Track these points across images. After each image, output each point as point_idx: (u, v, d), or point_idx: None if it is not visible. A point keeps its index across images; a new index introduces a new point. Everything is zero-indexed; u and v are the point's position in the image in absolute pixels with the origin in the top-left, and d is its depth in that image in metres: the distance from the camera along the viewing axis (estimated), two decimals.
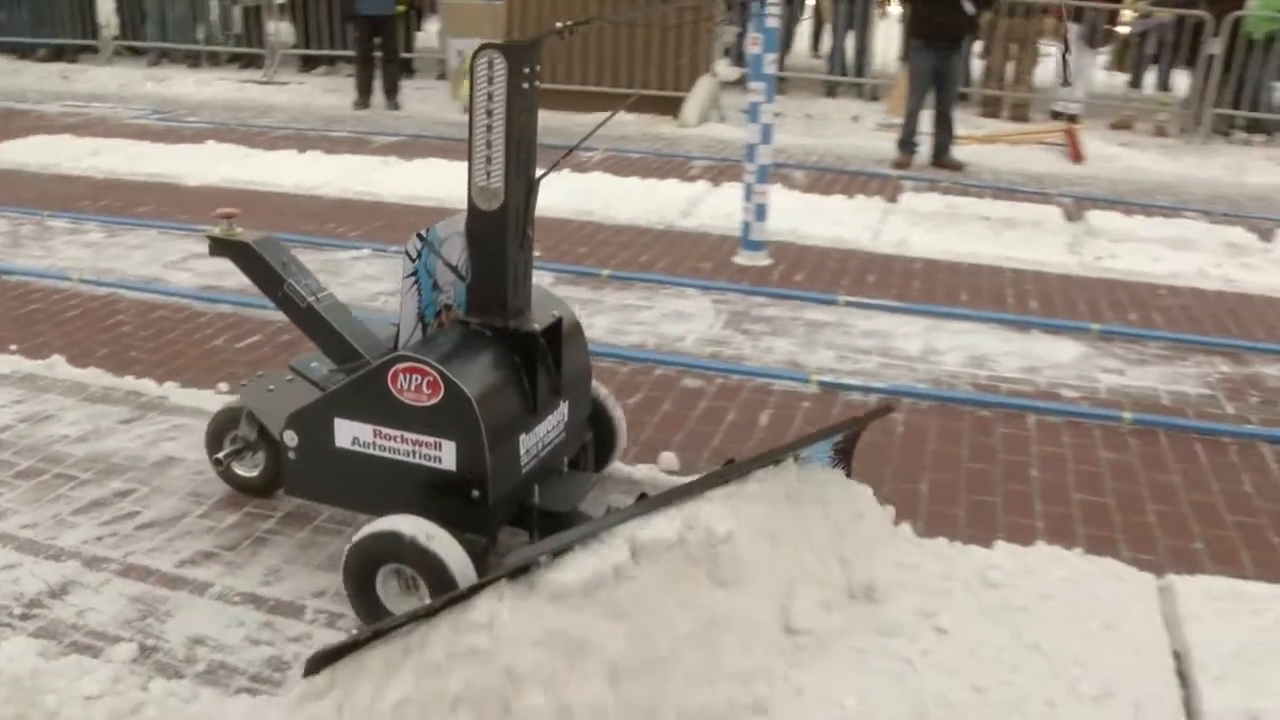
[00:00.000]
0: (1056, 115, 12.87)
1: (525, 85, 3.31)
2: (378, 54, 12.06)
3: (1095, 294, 6.78)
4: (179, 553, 3.69)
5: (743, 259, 7.01)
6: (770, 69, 6.66)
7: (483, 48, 3.28)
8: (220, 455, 3.93)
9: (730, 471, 3.24)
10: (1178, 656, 3.29)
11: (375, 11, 11.80)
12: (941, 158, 10.24)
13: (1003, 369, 5.56)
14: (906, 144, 10.26)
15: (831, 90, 13.84)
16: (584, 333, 3.79)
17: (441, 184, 8.29)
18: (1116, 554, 3.85)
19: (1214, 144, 12.34)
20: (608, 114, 3.83)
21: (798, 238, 7.53)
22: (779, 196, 7.68)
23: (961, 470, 4.48)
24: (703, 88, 11.55)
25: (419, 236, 3.37)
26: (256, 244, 3.68)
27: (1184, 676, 3.20)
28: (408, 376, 3.24)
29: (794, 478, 3.44)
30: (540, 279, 6.29)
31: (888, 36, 15.20)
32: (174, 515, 3.93)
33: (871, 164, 10.20)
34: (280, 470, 3.76)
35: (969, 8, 9.84)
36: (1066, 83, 12.47)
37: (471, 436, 3.23)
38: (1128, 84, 13.95)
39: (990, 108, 13.15)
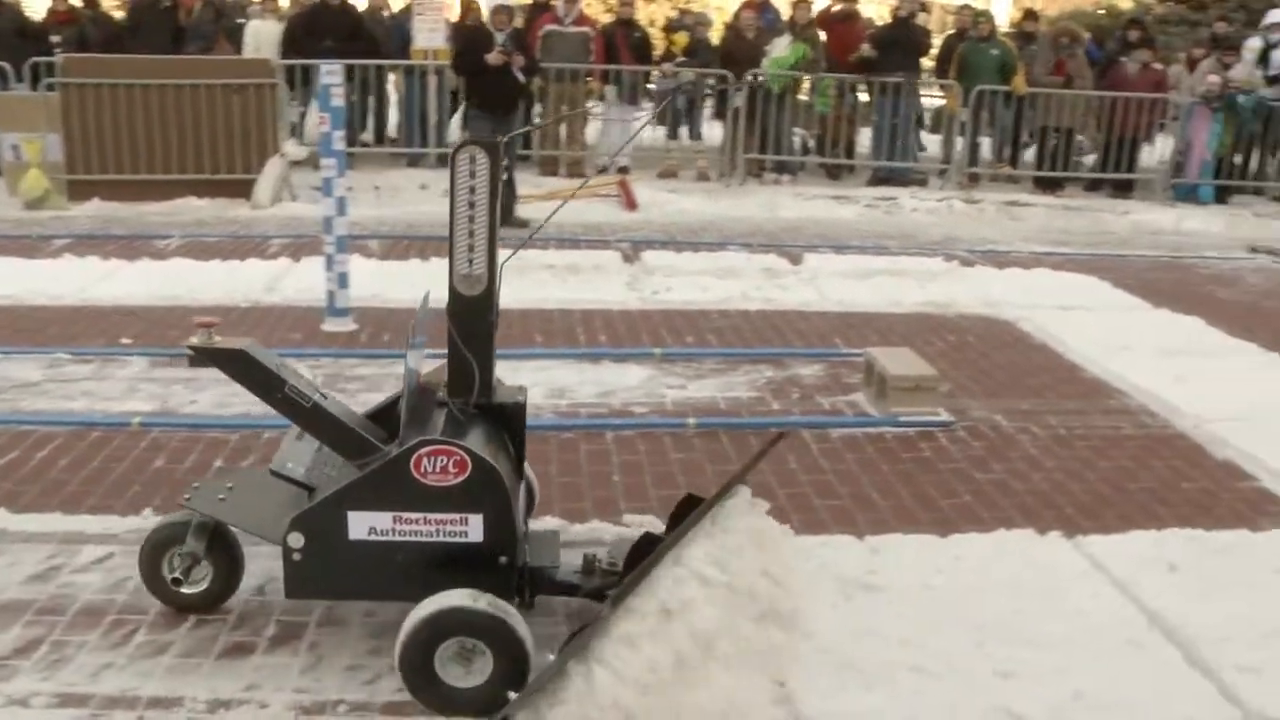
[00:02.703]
0: (603, 170, 13.93)
1: (504, 177, 3.54)
2: None
3: (655, 323, 7.59)
4: None
5: (330, 326, 7.33)
6: (339, 145, 7.09)
7: (464, 144, 3.56)
8: (176, 575, 3.79)
9: (702, 513, 3.64)
10: None
11: None
12: (507, 216, 10.90)
13: (580, 396, 6.21)
14: None
15: (414, 161, 14.27)
16: None
17: (13, 281, 8.14)
18: None
19: (749, 185, 13.73)
20: (558, 209, 4.08)
21: (380, 302, 7.90)
22: (359, 265, 8.04)
23: (553, 485, 5.04)
24: (272, 168, 11.76)
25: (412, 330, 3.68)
26: (250, 349, 3.63)
27: None
28: (432, 459, 3.39)
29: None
30: (135, 365, 6.46)
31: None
32: None
33: (443, 228, 10.67)
34: (227, 582, 3.88)
35: (520, 76, 10.64)
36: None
37: (500, 507, 3.45)
38: (666, 136, 15.16)
39: (548, 166, 14.00)
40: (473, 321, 3.67)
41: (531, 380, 6.38)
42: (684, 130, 15.12)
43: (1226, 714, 3.52)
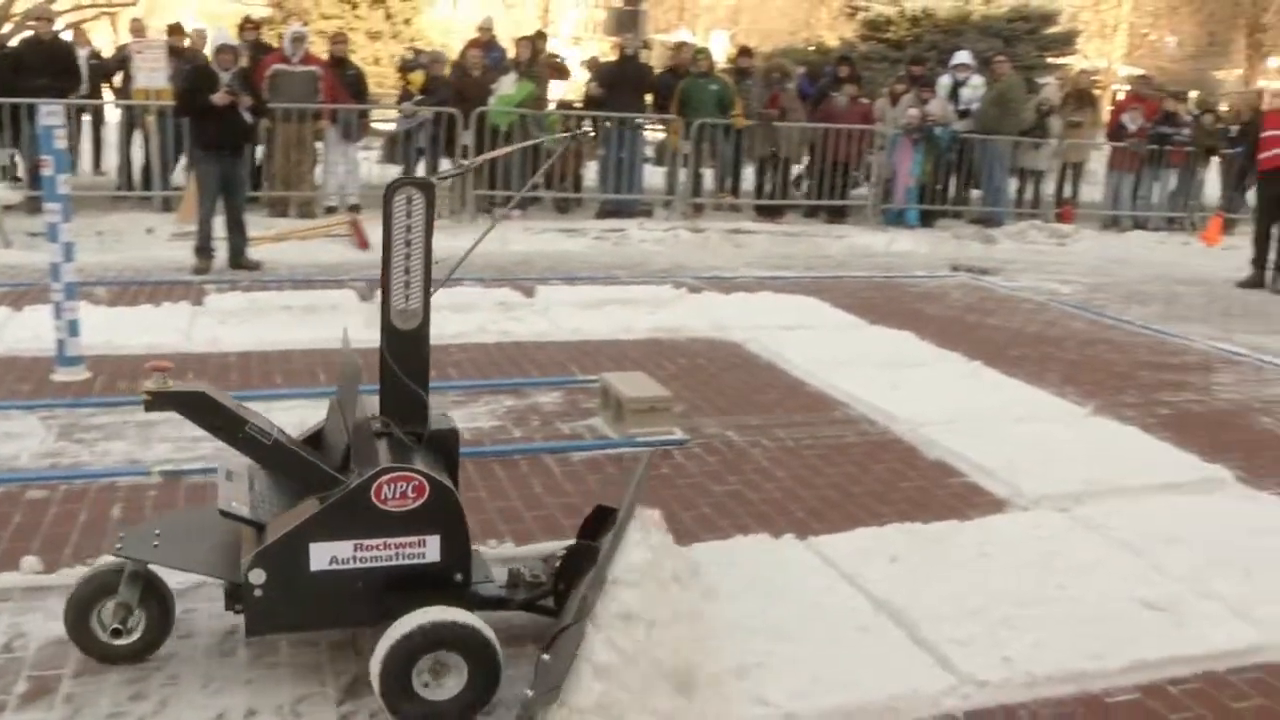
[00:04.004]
0: (332, 210, 13.90)
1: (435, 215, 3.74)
2: None
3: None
4: None
5: (61, 376, 7.11)
6: (64, 189, 6.92)
7: (400, 185, 3.70)
8: (116, 626, 3.69)
9: (625, 519, 3.87)
10: None
11: None
12: (238, 259, 10.79)
13: None
14: (203, 250, 10.69)
15: (138, 204, 13.84)
16: None
17: None
18: None
19: (481, 221, 13.87)
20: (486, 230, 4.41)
21: (113, 349, 7.70)
22: (87, 312, 7.81)
23: None
24: None
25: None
26: (209, 390, 3.68)
27: None
28: (393, 485, 3.53)
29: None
30: None
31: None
32: None
33: (173, 272, 10.53)
34: (160, 629, 3.81)
35: (248, 117, 10.53)
36: None
37: (456, 527, 3.62)
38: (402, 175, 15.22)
39: (279, 208, 13.83)
40: (412, 354, 3.84)
41: (277, 421, 6.37)
42: (421, 168, 15.18)
43: (945, 682, 3.90)
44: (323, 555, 3.56)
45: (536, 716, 3.22)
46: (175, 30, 15.09)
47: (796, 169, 16.35)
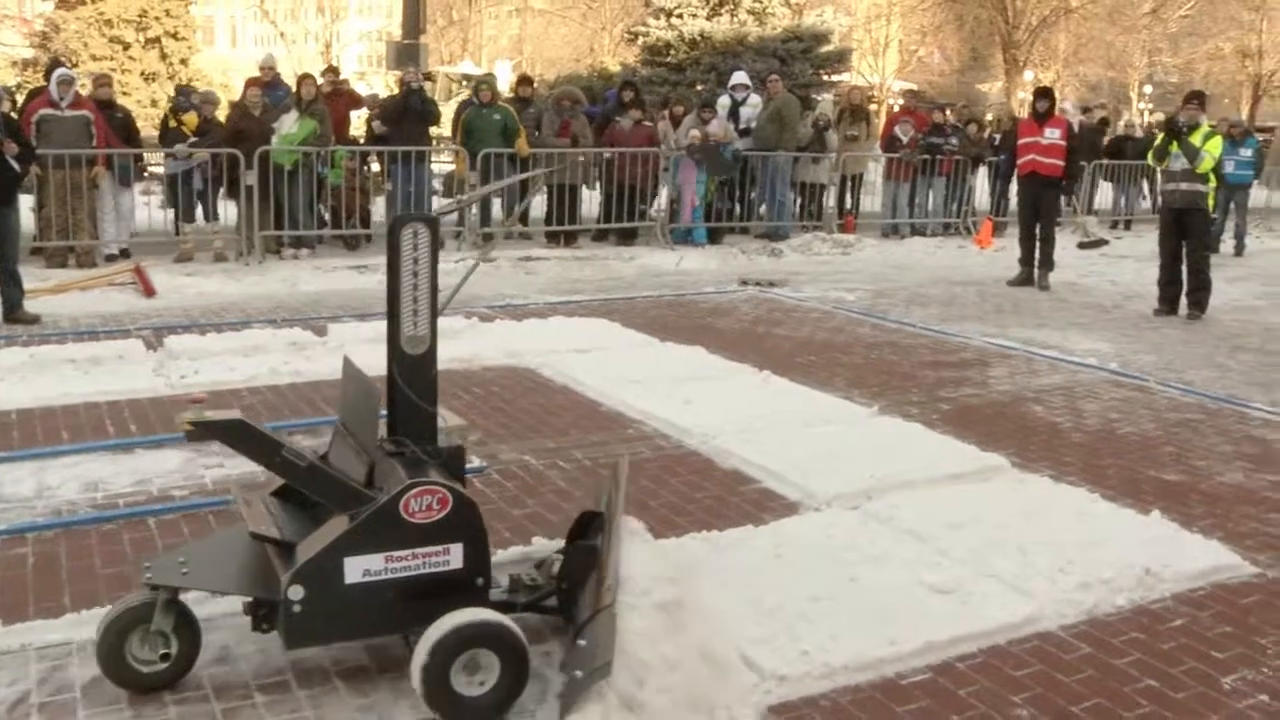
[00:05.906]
0: (113, 258, 13.49)
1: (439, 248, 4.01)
2: None
3: (186, 407, 7.48)
4: None
5: None
6: None
7: (407, 221, 3.95)
8: (167, 650, 3.87)
9: (614, 527, 4.18)
10: None
11: None
12: (14, 313, 10.35)
13: (117, 487, 6.05)
14: None
15: None
16: None
17: None
18: None
19: (269, 262, 13.66)
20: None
21: None
22: None
23: (99, 578, 4.93)
24: None
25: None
26: (245, 419, 3.89)
27: None
28: (419, 499, 3.75)
29: None
30: None
31: None
32: None
33: None
34: (191, 656, 3.94)
35: (15, 165, 10.13)
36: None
37: (478, 535, 3.87)
38: (182, 219, 14.78)
39: (57, 258, 13.32)
40: (422, 376, 4.06)
41: (62, 478, 6.21)
42: (199, 212, 14.84)
43: (748, 679, 4.05)
44: (356, 568, 3.75)
45: (584, 691, 3.52)
46: None
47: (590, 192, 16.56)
